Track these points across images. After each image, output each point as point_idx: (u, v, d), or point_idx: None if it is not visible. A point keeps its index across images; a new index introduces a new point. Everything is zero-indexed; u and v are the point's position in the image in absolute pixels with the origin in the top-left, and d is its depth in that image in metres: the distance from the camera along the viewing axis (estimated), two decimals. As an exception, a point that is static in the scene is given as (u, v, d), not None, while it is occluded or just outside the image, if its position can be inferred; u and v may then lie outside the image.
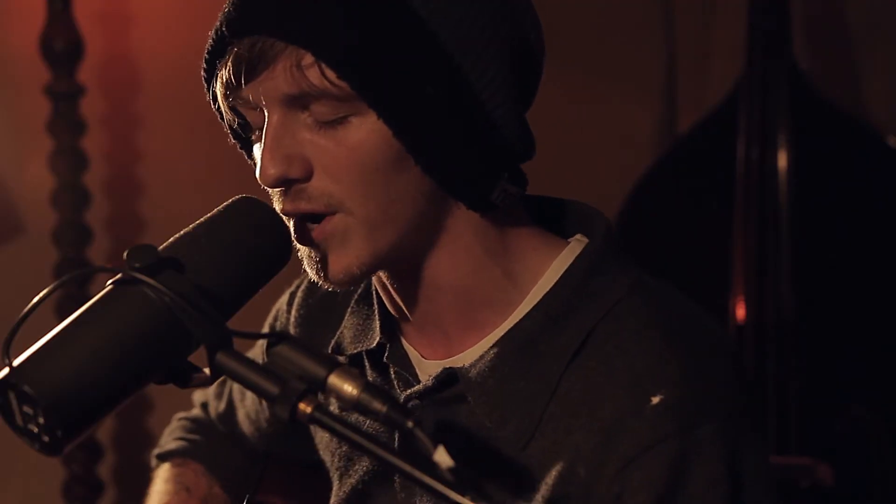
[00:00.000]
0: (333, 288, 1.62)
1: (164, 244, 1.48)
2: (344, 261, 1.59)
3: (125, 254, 1.41)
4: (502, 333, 1.64)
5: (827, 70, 3.50)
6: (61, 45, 3.12)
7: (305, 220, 1.59)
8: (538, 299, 1.64)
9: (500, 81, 1.58)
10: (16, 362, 1.36)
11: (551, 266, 1.65)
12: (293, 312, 1.89)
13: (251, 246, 1.52)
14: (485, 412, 1.62)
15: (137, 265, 1.40)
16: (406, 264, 1.63)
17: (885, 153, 3.21)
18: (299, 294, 1.89)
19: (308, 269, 1.61)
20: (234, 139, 1.67)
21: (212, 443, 2.03)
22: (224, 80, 1.57)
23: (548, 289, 1.64)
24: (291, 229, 1.59)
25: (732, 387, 1.61)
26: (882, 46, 3.50)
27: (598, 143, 3.50)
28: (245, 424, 2.01)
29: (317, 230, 1.58)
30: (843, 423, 3.13)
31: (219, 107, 1.62)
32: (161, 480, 2.01)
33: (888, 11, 3.49)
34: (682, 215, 3.33)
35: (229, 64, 1.56)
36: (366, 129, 1.55)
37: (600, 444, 1.56)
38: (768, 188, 3.17)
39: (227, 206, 1.54)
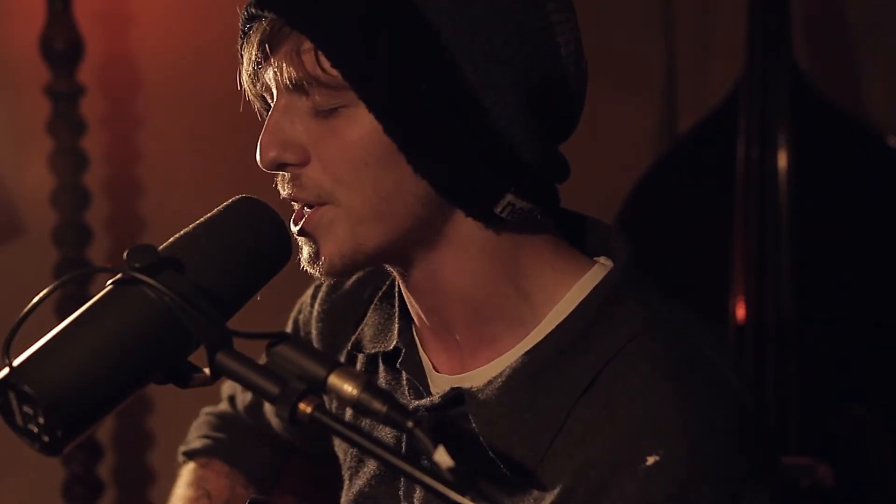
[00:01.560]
0: (321, 278, 1.62)
1: (164, 244, 1.48)
2: (325, 251, 1.59)
3: (125, 254, 1.41)
4: (514, 359, 1.61)
5: (827, 70, 3.50)
6: (61, 45, 3.12)
7: (302, 207, 1.60)
8: (553, 326, 1.61)
9: (509, 90, 1.55)
10: (16, 362, 1.36)
11: (571, 290, 1.62)
12: (316, 307, 1.89)
13: (251, 246, 1.52)
14: (489, 441, 1.59)
15: (137, 265, 1.40)
16: (407, 265, 1.63)
17: (885, 153, 3.21)
18: (323, 288, 1.89)
19: (301, 258, 1.61)
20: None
21: (237, 439, 2.03)
22: (247, 62, 1.60)
23: (564, 316, 1.61)
24: (293, 215, 1.60)
25: (737, 444, 1.56)
26: (882, 46, 3.50)
27: (598, 143, 3.49)
28: (271, 415, 2.01)
29: (306, 220, 1.59)
30: (843, 423, 3.13)
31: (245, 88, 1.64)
32: (184, 484, 2.02)
33: (888, 11, 3.49)
34: (682, 215, 3.33)
35: (248, 45, 1.58)
36: (358, 123, 1.55)
37: (592, 492, 1.53)
38: (768, 188, 3.16)
39: (227, 206, 1.54)
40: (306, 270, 1.62)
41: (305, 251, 1.61)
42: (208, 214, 1.53)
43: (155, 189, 3.41)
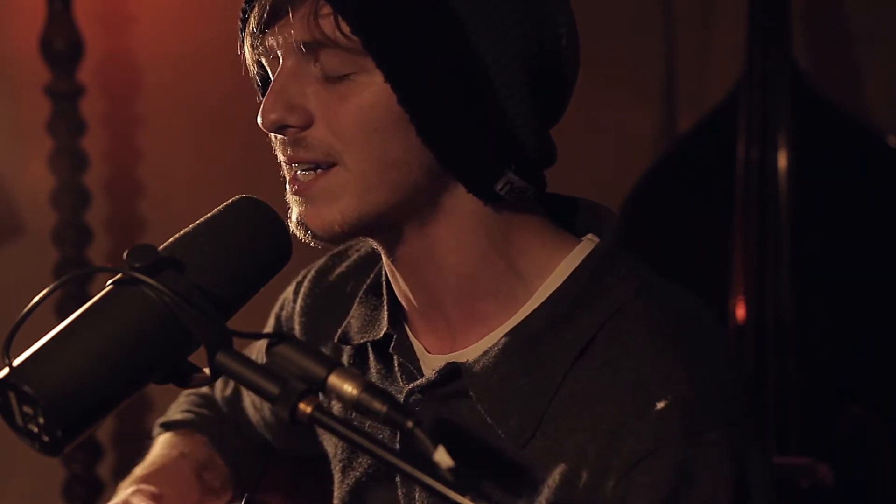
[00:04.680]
0: (312, 242, 1.62)
1: (164, 244, 1.48)
2: (328, 216, 1.59)
3: (125, 254, 1.41)
4: (508, 329, 1.64)
5: (827, 70, 3.50)
6: (61, 45, 3.12)
7: (302, 170, 1.60)
8: (546, 296, 1.63)
9: (517, 71, 1.58)
10: (16, 362, 1.36)
11: (561, 264, 1.65)
12: (299, 301, 1.90)
13: (251, 246, 1.52)
14: (486, 408, 1.61)
15: (137, 265, 1.40)
16: (402, 238, 1.64)
17: (885, 153, 3.21)
18: (306, 283, 1.90)
19: (291, 219, 1.61)
20: (261, 94, 1.68)
21: (218, 419, 2.03)
22: (251, 26, 1.59)
23: (556, 286, 1.64)
24: (287, 176, 1.60)
25: (737, 392, 1.60)
26: (882, 46, 3.50)
27: (598, 143, 3.50)
28: (251, 411, 2.01)
29: (312, 182, 1.59)
30: (843, 424, 3.13)
31: (246, 60, 1.64)
32: (159, 445, 2.00)
33: (888, 11, 3.49)
34: (682, 215, 3.33)
35: (256, 8, 1.58)
36: (371, 89, 1.56)
37: (604, 446, 1.55)
38: (768, 188, 3.16)
39: (228, 205, 1.54)
40: (294, 232, 1.61)
41: (296, 212, 1.61)
42: (208, 214, 1.53)
43: (155, 189, 3.41)
